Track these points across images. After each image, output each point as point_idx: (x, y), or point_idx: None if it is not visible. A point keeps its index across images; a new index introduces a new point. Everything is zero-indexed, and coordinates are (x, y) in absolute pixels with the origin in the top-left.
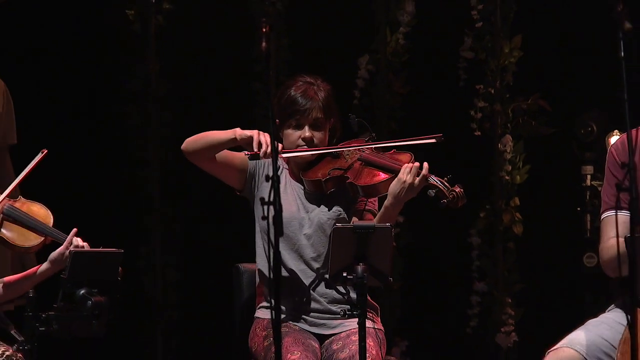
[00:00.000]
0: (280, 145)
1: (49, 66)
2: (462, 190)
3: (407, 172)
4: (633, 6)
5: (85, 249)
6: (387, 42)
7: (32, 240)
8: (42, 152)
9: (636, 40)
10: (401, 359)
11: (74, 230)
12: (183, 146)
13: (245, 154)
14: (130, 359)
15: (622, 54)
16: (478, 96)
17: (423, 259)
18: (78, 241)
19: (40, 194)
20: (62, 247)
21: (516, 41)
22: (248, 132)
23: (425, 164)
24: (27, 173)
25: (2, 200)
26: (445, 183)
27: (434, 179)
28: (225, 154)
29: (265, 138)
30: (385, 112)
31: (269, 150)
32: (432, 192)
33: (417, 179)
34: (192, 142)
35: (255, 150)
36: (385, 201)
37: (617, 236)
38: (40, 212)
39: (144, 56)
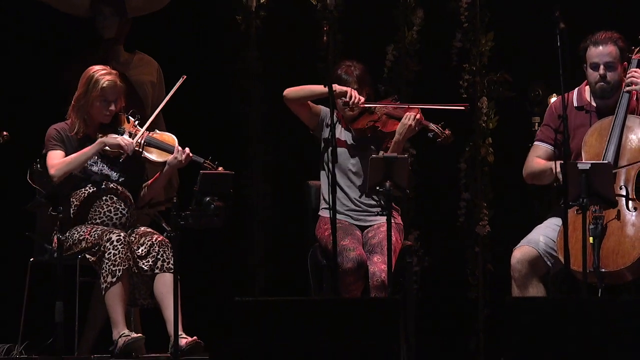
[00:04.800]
0: (362, 100)
1: (190, 52)
2: (451, 132)
3: (407, 118)
4: (566, 13)
5: (211, 171)
6: (405, 36)
7: (165, 156)
8: (183, 78)
9: (568, 35)
10: (414, 243)
11: (187, 148)
12: (285, 92)
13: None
14: (236, 241)
15: (559, 44)
16: (464, 72)
17: (429, 178)
18: (187, 150)
19: (184, 129)
20: (173, 155)
21: (489, 36)
22: (344, 88)
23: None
24: (170, 96)
25: (143, 133)
26: (439, 127)
27: (432, 125)
28: (310, 102)
29: (354, 93)
30: (404, 83)
31: (356, 100)
32: (430, 135)
33: (414, 122)
34: (294, 91)
35: (348, 99)
36: (394, 137)
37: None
38: (169, 139)
39: (248, 46)
